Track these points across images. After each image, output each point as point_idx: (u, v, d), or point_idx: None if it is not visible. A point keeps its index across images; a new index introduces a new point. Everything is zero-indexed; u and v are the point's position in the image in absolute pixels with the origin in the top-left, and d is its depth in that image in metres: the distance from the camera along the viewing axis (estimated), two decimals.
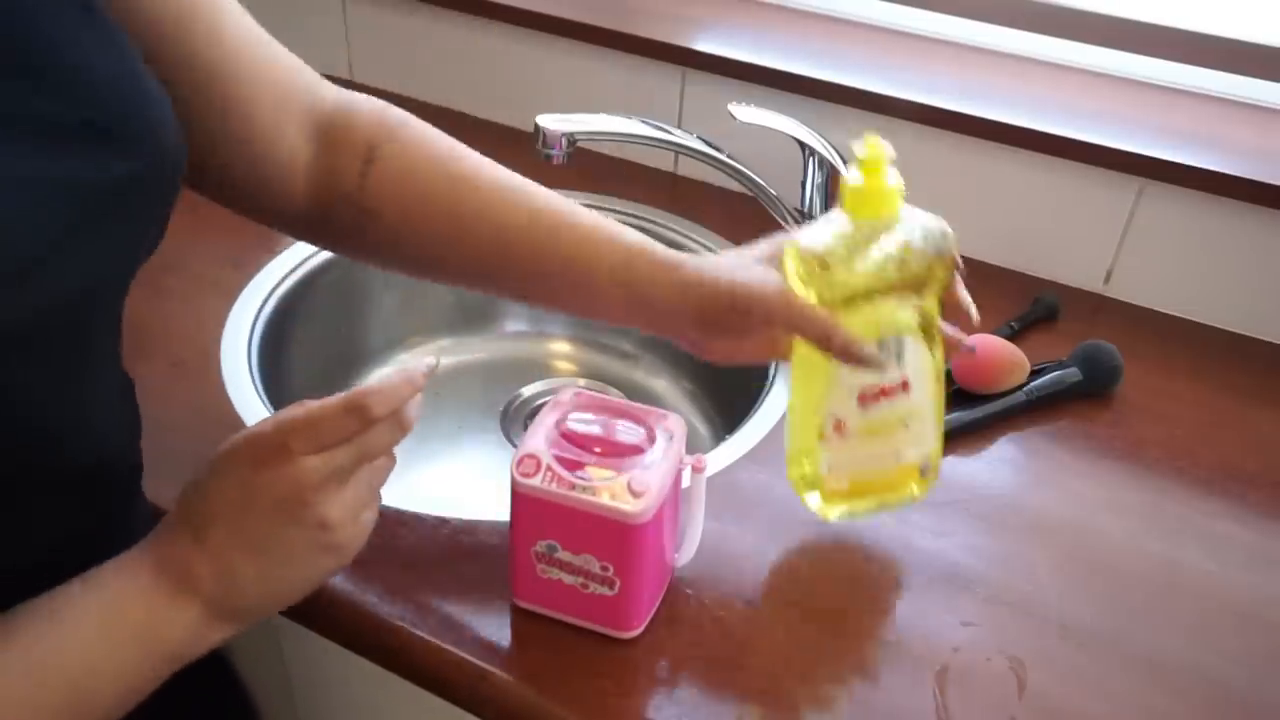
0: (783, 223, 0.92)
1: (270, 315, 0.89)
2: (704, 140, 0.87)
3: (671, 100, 1.07)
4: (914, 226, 0.59)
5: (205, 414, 0.76)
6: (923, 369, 0.62)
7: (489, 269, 0.65)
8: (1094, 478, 0.77)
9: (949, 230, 0.59)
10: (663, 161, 1.12)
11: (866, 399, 0.61)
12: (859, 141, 0.57)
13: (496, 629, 0.62)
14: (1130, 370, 0.87)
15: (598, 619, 0.61)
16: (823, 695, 0.60)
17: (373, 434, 0.53)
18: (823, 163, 0.89)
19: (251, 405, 0.78)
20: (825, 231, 0.59)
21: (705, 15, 1.09)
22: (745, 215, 1.00)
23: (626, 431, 0.60)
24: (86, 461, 0.54)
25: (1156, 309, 0.96)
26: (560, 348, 1.09)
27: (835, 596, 0.66)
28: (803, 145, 0.89)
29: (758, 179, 0.89)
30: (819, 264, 0.58)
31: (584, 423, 0.60)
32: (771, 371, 0.86)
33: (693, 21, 1.08)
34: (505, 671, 0.60)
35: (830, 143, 0.89)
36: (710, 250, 0.99)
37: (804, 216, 0.93)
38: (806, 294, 0.59)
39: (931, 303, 0.60)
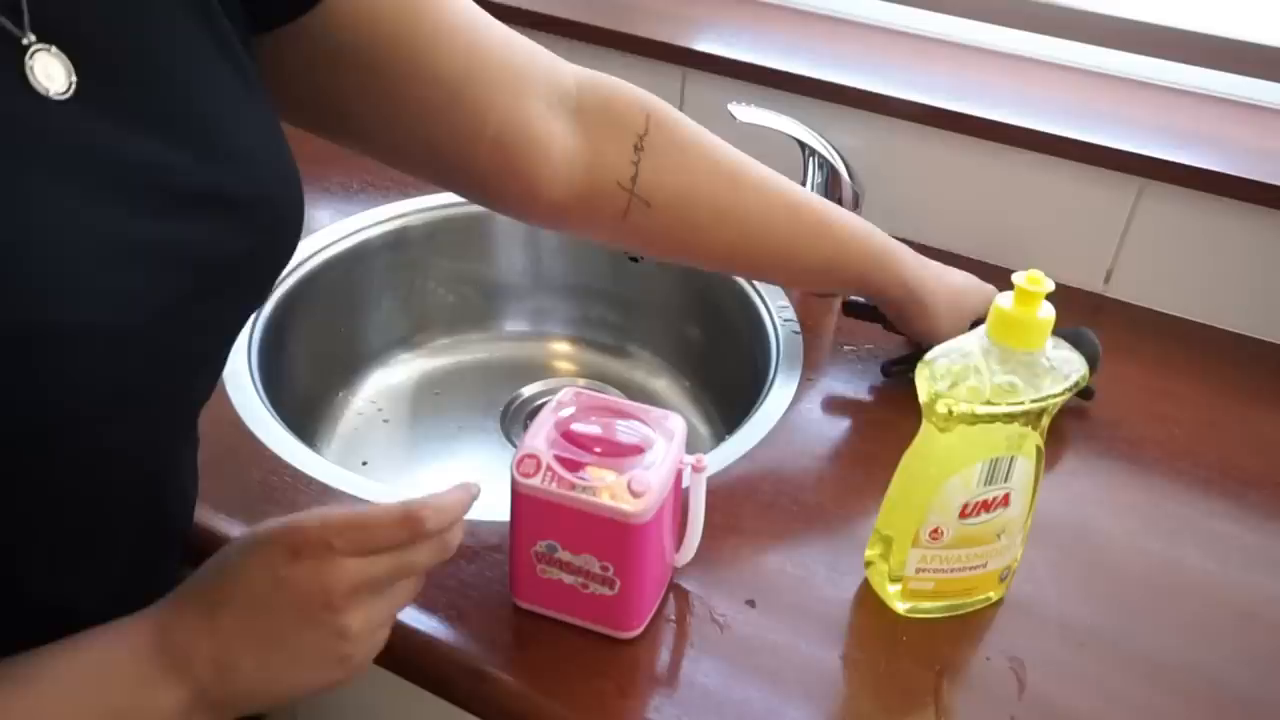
0: None
1: (270, 315, 0.89)
2: None
3: (671, 100, 1.06)
4: (1054, 362, 0.58)
5: (205, 414, 0.76)
6: (1026, 484, 0.61)
7: (741, 258, 0.74)
8: (1094, 478, 0.77)
9: (1086, 369, 0.58)
10: None
11: (968, 511, 0.61)
12: (1020, 274, 0.56)
13: (496, 629, 0.62)
14: (1130, 370, 0.87)
15: (598, 619, 0.61)
16: (822, 695, 0.60)
17: (415, 550, 0.50)
18: (823, 163, 0.89)
19: (252, 405, 0.78)
20: (964, 350, 0.58)
21: (705, 15, 1.09)
22: None
23: (626, 431, 0.60)
24: (170, 515, 0.54)
25: (1156, 309, 0.96)
26: (560, 348, 1.09)
27: (835, 596, 0.66)
28: (803, 145, 0.89)
29: None
30: (949, 389, 0.58)
31: (584, 423, 0.60)
32: (771, 371, 0.86)
33: (693, 21, 1.08)
34: (505, 671, 0.60)
35: (830, 143, 0.89)
36: None
37: None
38: (931, 406, 0.59)
39: (1046, 420, 0.60)
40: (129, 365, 0.42)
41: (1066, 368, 0.58)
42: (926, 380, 0.58)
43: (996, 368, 0.57)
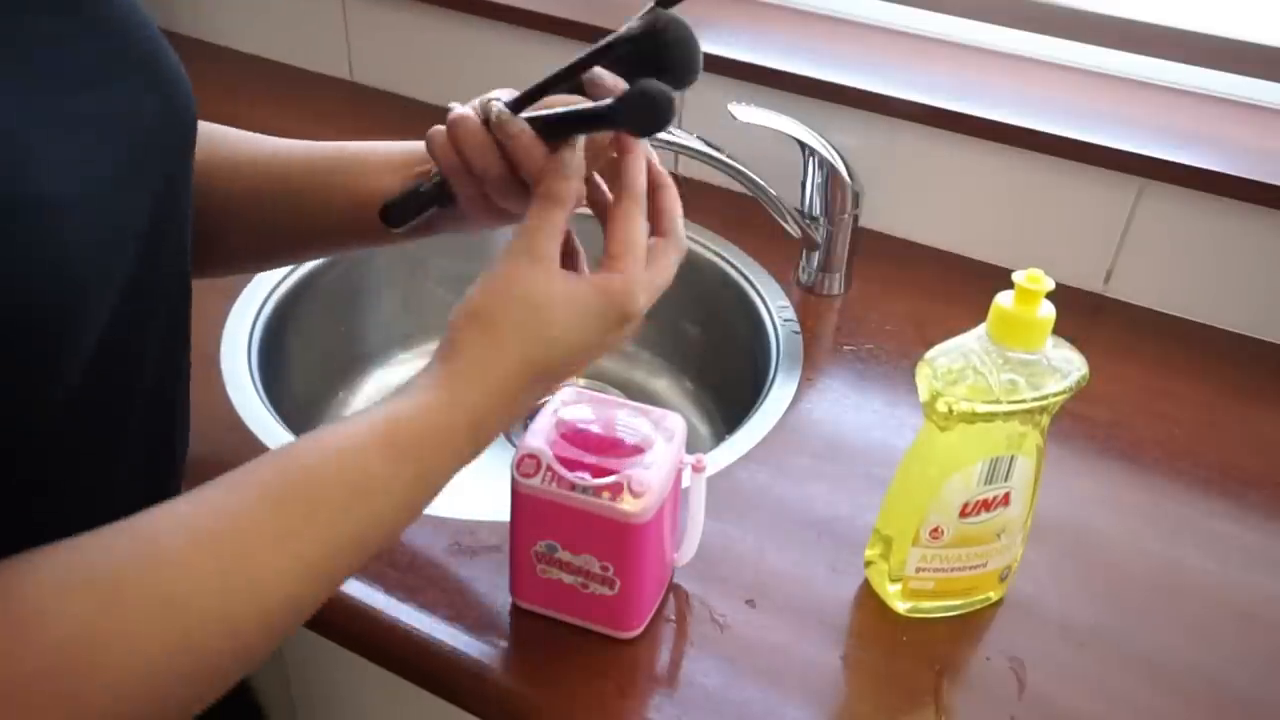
0: (783, 223, 0.92)
1: (270, 315, 0.89)
2: (704, 140, 0.87)
3: None
4: (1055, 361, 0.58)
5: (205, 414, 0.76)
6: (1026, 484, 0.61)
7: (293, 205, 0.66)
8: (1094, 478, 0.77)
9: (1086, 370, 0.58)
10: (663, 162, 1.11)
11: (969, 510, 0.61)
12: (1020, 273, 0.56)
13: (496, 629, 0.62)
14: (1130, 370, 0.87)
15: (598, 619, 0.61)
16: (822, 695, 0.60)
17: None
18: (823, 163, 0.89)
19: (251, 405, 0.78)
20: (965, 349, 0.58)
21: (705, 15, 1.09)
22: (745, 215, 1.00)
23: (626, 431, 0.60)
24: (172, 445, 0.56)
25: (1156, 309, 0.96)
26: None
27: (835, 596, 0.66)
28: (803, 145, 0.89)
29: (758, 179, 0.89)
30: (952, 384, 0.58)
31: (584, 423, 0.60)
32: (771, 371, 0.86)
33: (693, 21, 1.08)
34: (505, 671, 0.60)
35: (830, 143, 0.89)
36: (711, 251, 0.99)
37: (804, 216, 0.93)
38: (931, 404, 0.59)
39: (1046, 420, 0.60)
40: (95, 236, 0.43)
41: (1067, 367, 0.58)
42: (927, 378, 0.58)
43: (997, 367, 0.57)
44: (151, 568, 0.41)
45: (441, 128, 0.57)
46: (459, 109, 0.57)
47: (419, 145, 0.63)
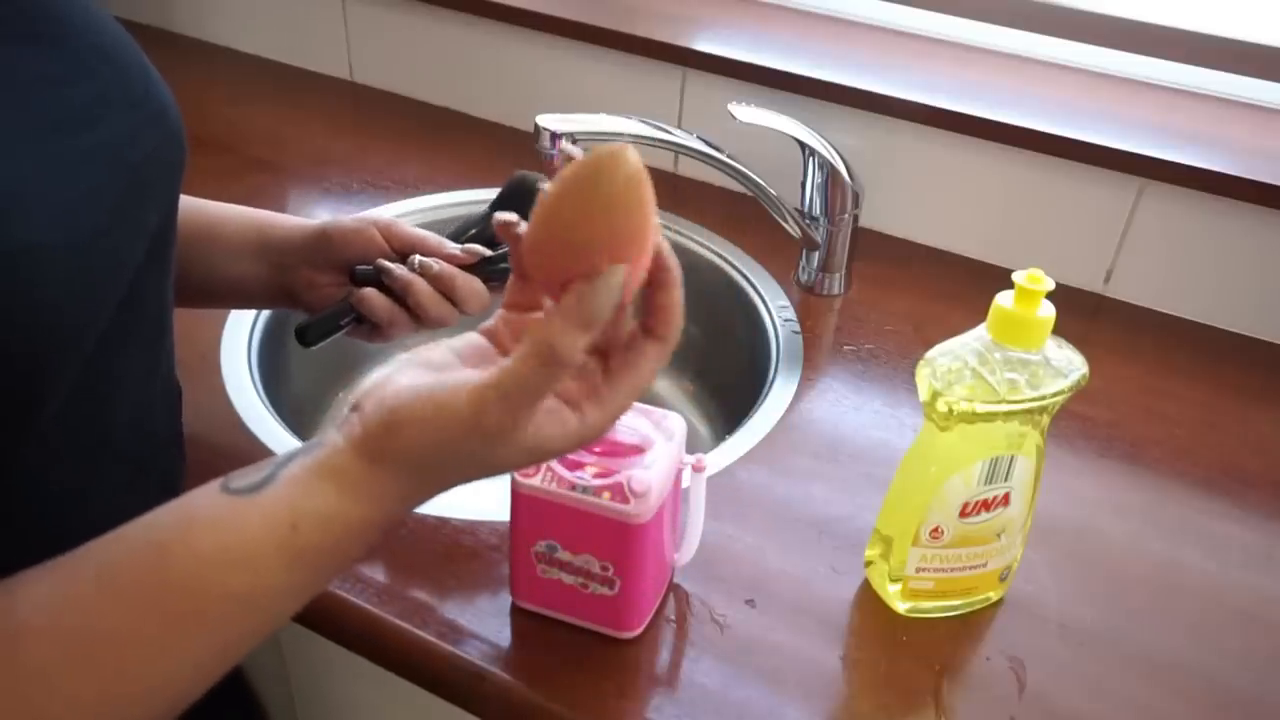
0: (783, 223, 0.92)
1: (270, 315, 0.89)
2: (704, 140, 0.87)
3: (671, 100, 1.07)
4: (1054, 362, 0.58)
5: (205, 414, 0.76)
6: (1026, 484, 0.61)
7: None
8: (1094, 477, 0.77)
9: (1086, 370, 0.58)
10: (663, 161, 1.12)
11: (969, 510, 0.61)
12: (1020, 273, 0.56)
13: (496, 629, 0.62)
14: (1130, 370, 0.87)
15: (598, 619, 0.61)
16: (822, 695, 0.60)
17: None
18: (823, 163, 0.89)
19: (252, 406, 0.78)
20: (965, 349, 0.58)
21: (705, 15, 1.09)
22: (745, 215, 1.00)
23: (626, 431, 0.60)
24: (159, 444, 0.57)
25: (1156, 309, 0.96)
26: None
27: (835, 596, 0.66)
28: (803, 145, 0.89)
29: (758, 179, 0.89)
30: (952, 384, 0.58)
31: None
32: (771, 371, 0.86)
33: (693, 21, 1.08)
34: (505, 671, 0.60)
35: (830, 143, 0.89)
36: (711, 251, 0.99)
37: (804, 216, 0.93)
38: (931, 404, 0.58)
39: (1046, 419, 0.60)
40: (93, 274, 0.44)
41: (1067, 367, 0.58)
42: (927, 378, 0.59)
43: (997, 366, 0.57)
44: (18, 689, 0.38)
45: (371, 290, 0.64)
46: (399, 270, 0.63)
47: (278, 227, 0.68)
